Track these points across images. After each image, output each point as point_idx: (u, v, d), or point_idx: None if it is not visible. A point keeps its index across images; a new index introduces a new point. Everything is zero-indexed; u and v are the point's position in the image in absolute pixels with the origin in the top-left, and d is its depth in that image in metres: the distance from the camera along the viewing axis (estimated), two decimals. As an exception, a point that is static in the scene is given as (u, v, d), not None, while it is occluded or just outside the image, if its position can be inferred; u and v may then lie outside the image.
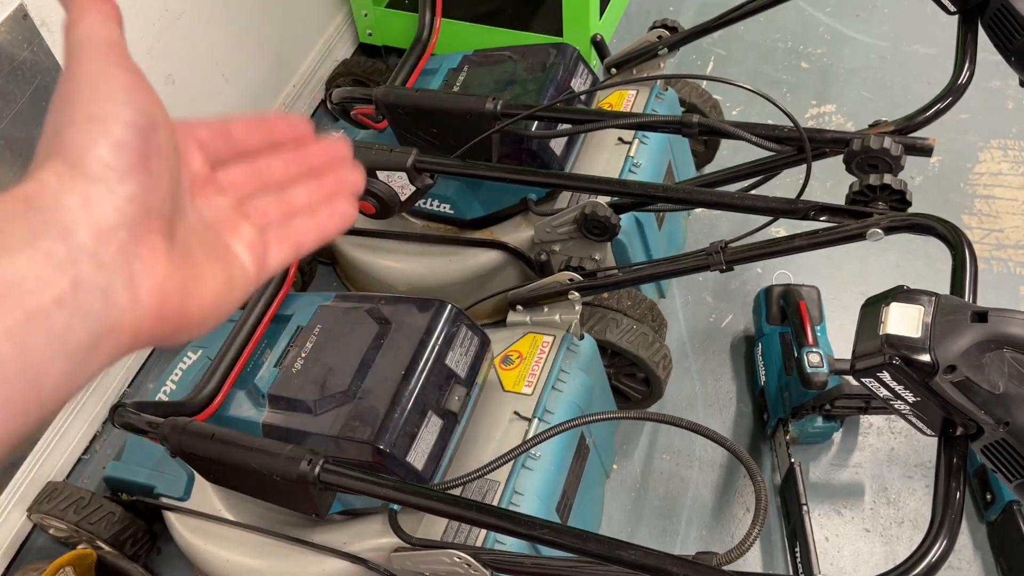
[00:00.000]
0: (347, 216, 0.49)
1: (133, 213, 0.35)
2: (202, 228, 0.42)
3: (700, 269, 1.20)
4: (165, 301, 0.37)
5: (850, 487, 1.56)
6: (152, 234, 0.36)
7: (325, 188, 0.49)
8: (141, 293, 0.36)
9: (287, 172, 0.47)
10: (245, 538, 1.29)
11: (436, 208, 1.63)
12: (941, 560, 0.76)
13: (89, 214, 0.34)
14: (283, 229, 0.46)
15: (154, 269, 0.36)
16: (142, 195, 0.36)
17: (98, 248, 0.34)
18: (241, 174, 0.46)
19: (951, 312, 0.77)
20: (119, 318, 0.35)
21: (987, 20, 1.12)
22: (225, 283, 0.41)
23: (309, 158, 0.48)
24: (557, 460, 1.26)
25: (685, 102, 1.82)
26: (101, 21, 0.38)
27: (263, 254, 0.44)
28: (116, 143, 0.35)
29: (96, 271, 0.34)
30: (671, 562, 0.86)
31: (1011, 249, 1.86)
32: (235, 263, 0.42)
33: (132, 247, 0.35)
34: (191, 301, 0.39)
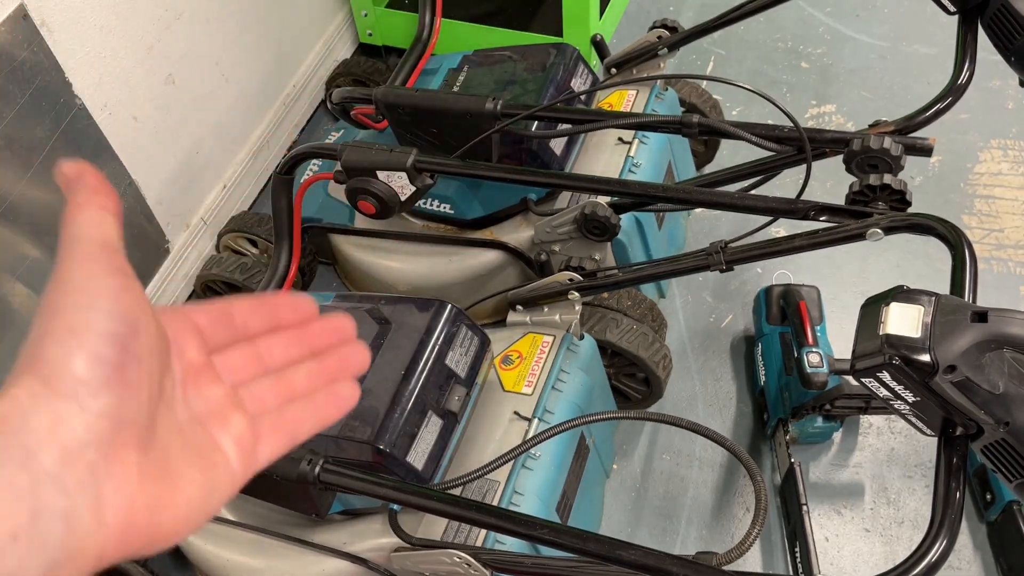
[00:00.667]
0: (348, 400, 0.47)
1: (104, 429, 0.34)
2: (188, 424, 0.40)
3: (700, 269, 1.20)
4: (133, 518, 0.35)
5: (850, 487, 1.56)
6: (124, 448, 0.35)
7: (327, 370, 0.47)
8: (107, 515, 0.34)
9: (288, 355, 0.46)
10: (245, 538, 1.29)
11: (436, 208, 1.63)
12: (941, 560, 0.76)
13: (56, 435, 0.33)
14: (278, 417, 0.44)
15: (123, 487, 0.35)
16: (116, 409, 0.35)
17: (63, 472, 0.32)
18: (240, 358, 0.44)
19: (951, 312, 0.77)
20: (81, 544, 0.33)
21: (987, 20, 1.12)
22: (204, 487, 0.39)
23: (311, 339, 0.47)
24: (557, 460, 1.26)
25: (685, 102, 1.82)
26: (98, 218, 0.37)
27: (252, 448, 0.42)
28: (91, 356, 0.34)
29: (58, 496, 0.32)
30: (671, 562, 0.86)
31: (1011, 249, 1.86)
32: (219, 462, 0.40)
33: (101, 466, 0.34)
34: (164, 514, 0.37)
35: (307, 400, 0.45)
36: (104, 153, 1.53)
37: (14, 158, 1.34)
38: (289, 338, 0.46)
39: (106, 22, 1.47)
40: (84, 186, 0.38)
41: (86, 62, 1.45)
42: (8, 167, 1.33)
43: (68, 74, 1.41)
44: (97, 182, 0.39)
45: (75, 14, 1.41)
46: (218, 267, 1.73)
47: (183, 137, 1.75)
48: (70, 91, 1.42)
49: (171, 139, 1.72)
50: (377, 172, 1.28)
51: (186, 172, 1.79)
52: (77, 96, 1.44)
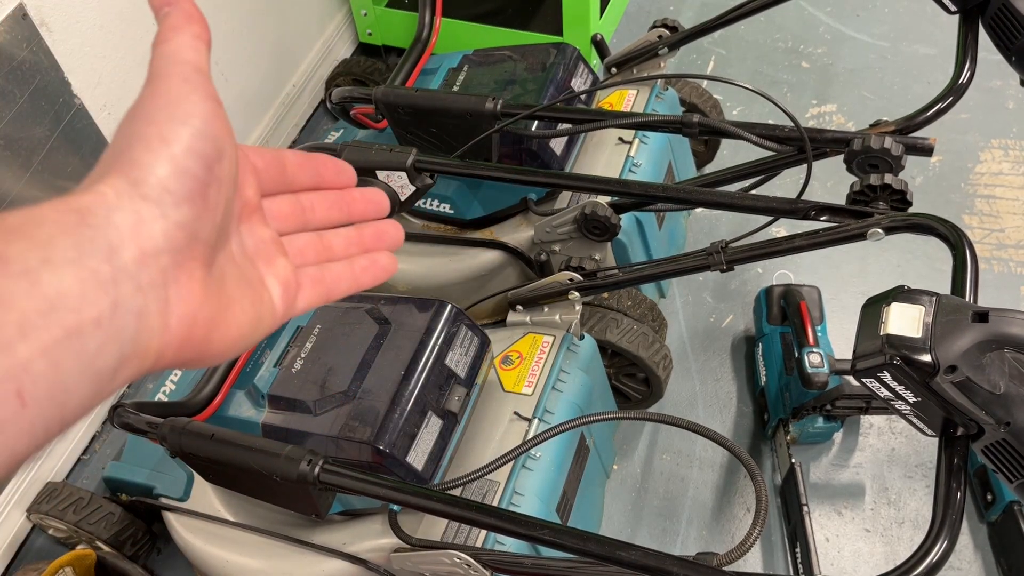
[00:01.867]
0: (386, 268, 0.49)
1: (180, 239, 0.35)
2: (241, 257, 0.42)
3: (700, 269, 1.20)
4: (193, 330, 0.37)
5: (850, 487, 1.56)
6: (193, 262, 0.36)
7: (364, 240, 0.48)
8: (172, 320, 0.36)
9: (329, 215, 0.47)
10: (245, 538, 1.29)
11: (436, 208, 1.63)
12: (942, 560, 0.76)
13: (138, 235, 0.34)
14: (318, 272, 0.46)
15: (189, 297, 0.36)
16: (193, 223, 0.36)
17: (139, 271, 0.34)
18: (287, 208, 0.45)
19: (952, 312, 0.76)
20: (147, 343, 0.35)
21: (988, 20, 1.12)
22: (252, 317, 0.41)
23: (350, 204, 0.48)
24: (557, 460, 1.26)
25: (685, 102, 1.82)
26: (191, 43, 0.39)
27: (293, 293, 0.44)
28: (180, 169, 0.36)
29: (135, 293, 0.34)
30: (671, 562, 0.86)
31: (1012, 249, 1.86)
32: (265, 298, 0.42)
33: (172, 273, 0.35)
34: (217, 332, 0.38)
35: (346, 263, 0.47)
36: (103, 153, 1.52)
37: (14, 158, 1.34)
38: (331, 200, 0.47)
39: (106, 22, 1.47)
40: (178, 10, 0.39)
41: (86, 62, 1.45)
42: (8, 167, 1.33)
43: (67, 74, 1.41)
44: (192, 8, 0.39)
45: (75, 14, 1.40)
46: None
47: (183, 137, 1.75)
48: (69, 91, 1.42)
49: (171, 139, 1.71)
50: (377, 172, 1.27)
51: (186, 172, 1.79)
52: (76, 96, 1.44)
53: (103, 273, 0.32)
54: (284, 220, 0.45)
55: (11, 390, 0.29)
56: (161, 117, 0.36)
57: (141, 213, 0.34)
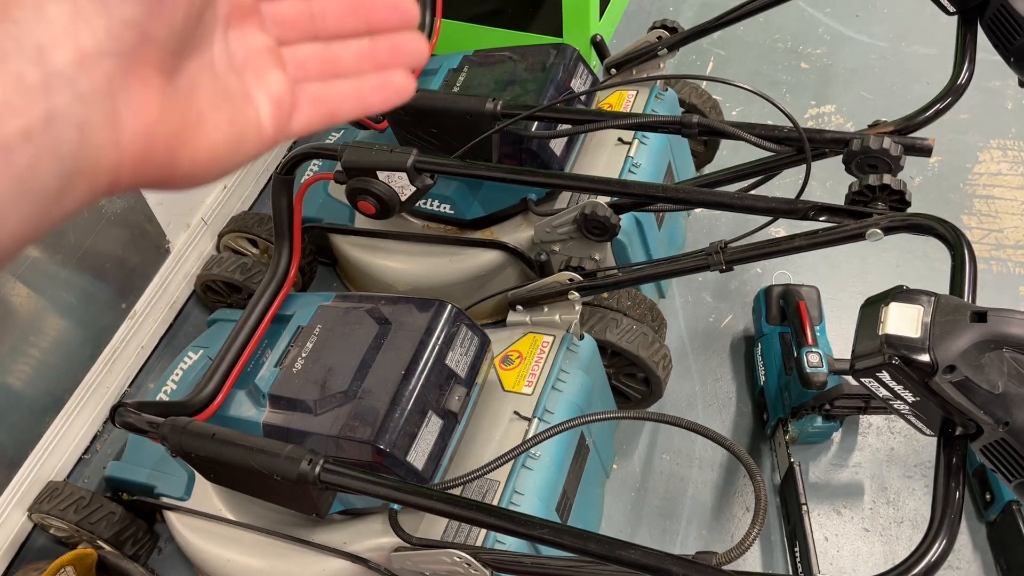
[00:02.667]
0: (400, 90, 0.42)
1: (128, 39, 0.30)
2: (225, 68, 0.36)
3: (700, 269, 1.20)
4: (151, 145, 0.32)
5: (850, 487, 1.56)
6: (147, 68, 0.32)
7: (378, 54, 0.42)
8: (124, 133, 0.31)
9: (342, 23, 0.41)
10: (245, 538, 1.30)
11: (436, 208, 1.63)
12: (941, 560, 0.76)
13: (74, 34, 0.29)
14: (320, 90, 0.40)
15: (143, 108, 0.32)
16: (143, 20, 0.31)
17: (78, 75, 0.29)
18: (292, 11, 0.39)
19: (950, 312, 0.77)
20: (95, 160, 0.30)
21: (987, 20, 1.12)
22: (230, 137, 0.36)
23: (370, 11, 0.41)
24: (557, 460, 1.27)
25: (685, 102, 1.82)
26: None
27: (288, 114, 0.39)
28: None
29: (73, 103, 0.29)
30: (671, 562, 0.86)
31: (1010, 249, 1.86)
32: (250, 116, 0.37)
33: (120, 79, 0.30)
34: (184, 150, 0.34)
35: (355, 80, 0.41)
36: (104, 153, 1.53)
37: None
38: (347, 4, 0.41)
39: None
40: None
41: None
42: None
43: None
44: None
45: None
46: (218, 267, 1.73)
47: (183, 137, 1.75)
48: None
49: (171, 139, 1.71)
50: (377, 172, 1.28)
51: (186, 172, 1.79)
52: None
53: (31, 78, 0.28)
54: (287, 27, 0.39)
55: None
56: None
57: (79, 7, 0.29)
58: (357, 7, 0.41)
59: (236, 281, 1.70)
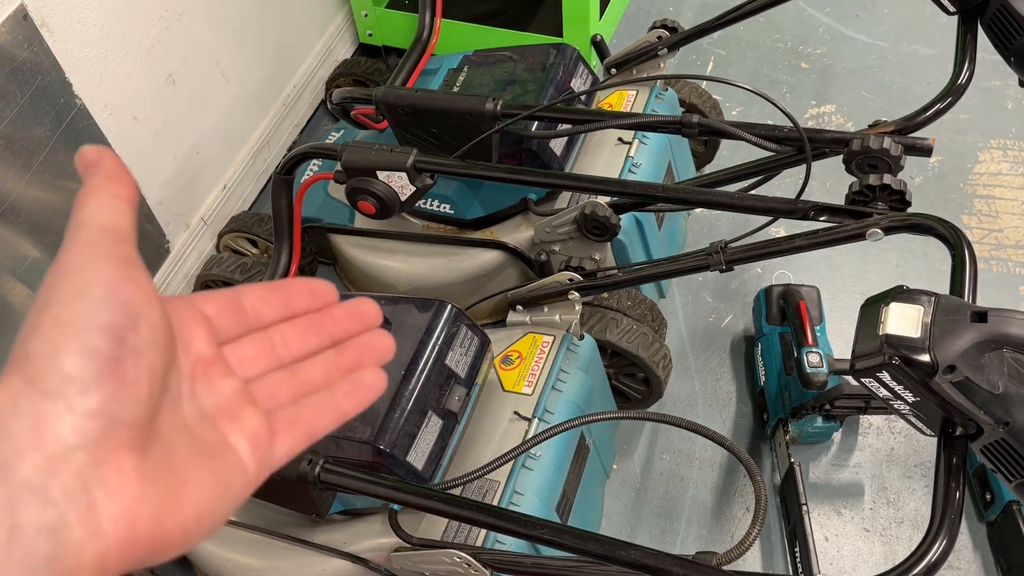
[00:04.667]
0: (372, 388, 0.43)
1: (95, 430, 0.31)
2: (196, 422, 0.37)
3: (700, 269, 1.20)
4: (135, 526, 0.32)
5: (850, 487, 1.56)
6: (119, 450, 0.32)
7: (346, 361, 0.43)
8: (104, 523, 0.31)
9: (304, 345, 0.42)
10: (245, 538, 1.30)
11: (436, 208, 1.63)
12: (941, 560, 0.76)
13: (39, 440, 0.30)
14: (295, 412, 0.41)
15: (121, 492, 0.31)
16: (108, 407, 0.31)
17: (46, 481, 0.29)
18: (253, 350, 0.41)
19: (951, 312, 0.77)
20: (75, 557, 0.30)
21: (987, 20, 1.12)
22: (215, 489, 0.36)
23: (330, 327, 0.43)
24: (557, 460, 1.26)
25: (685, 102, 1.82)
26: (109, 203, 0.35)
27: (268, 446, 0.39)
28: (81, 349, 0.31)
29: (41, 510, 0.29)
30: (671, 562, 0.86)
31: (1011, 249, 1.86)
32: (231, 462, 0.37)
33: (92, 470, 0.31)
34: (170, 520, 0.34)
35: (326, 393, 0.42)
36: (104, 153, 1.53)
37: (14, 158, 1.34)
38: (305, 326, 0.42)
39: (106, 22, 1.47)
40: (100, 171, 0.36)
41: (86, 62, 1.45)
42: (8, 167, 1.33)
43: (68, 74, 1.41)
44: (115, 168, 0.36)
45: (75, 14, 1.41)
46: (218, 267, 1.73)
47: (183, 137, 1.75)
48: (70, 91, 1.42)
49: (171, 139, 1.72)
50: (377, 172, 1.28)
51: (186, 172, 1.79)
52: (77, 96, 1.44)
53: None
54: (251, 364, 0.40)
55: None
56: (57, 297, 0.32)
57: (42, 413, 0.30)
58: (316, 326, 0.42)
59: (236, 281, 1.69)
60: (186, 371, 0.37)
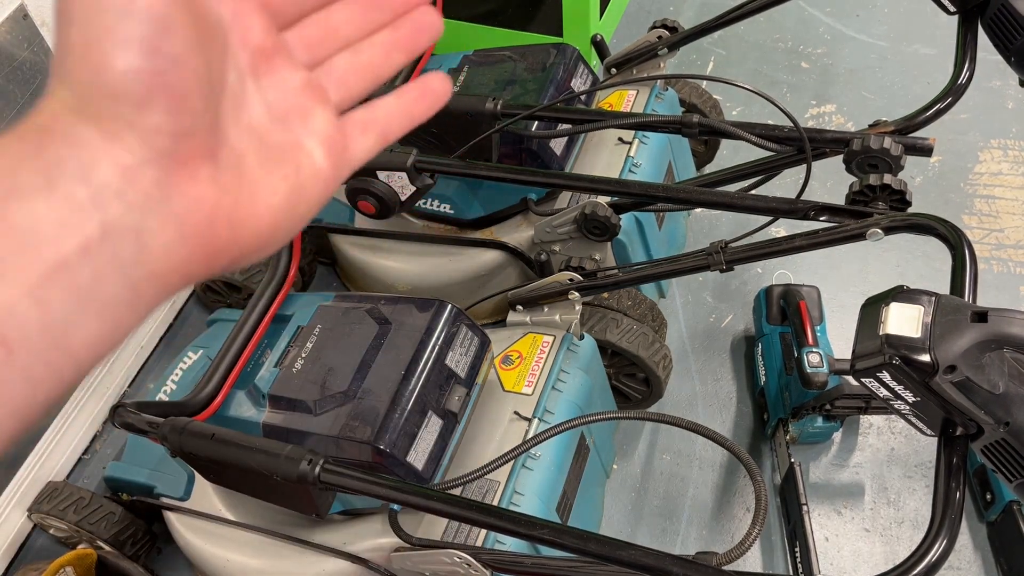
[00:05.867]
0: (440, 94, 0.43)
1: (162, 144, 0.31)
2: (266, 124, 0.36)
3: (700, 269, 1.20)
4: (214, 231, 0.33)
5: (850, 487, 1.56)
6: (191, 160, 0.32)
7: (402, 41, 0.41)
8: (185, 230, 0.31)
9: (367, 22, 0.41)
10: (245, 538, 1.29)
11: (436, 208, 1.63)
12: (941, 560, 0.76)
13: (111, 151, 0.30)
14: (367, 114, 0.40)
15: (199, 200, 0.32)
16: (167, 121, 0.31)
17: (125, 187, 0.30)
18: (317, 33, 0.39)
19: (951, 312, 0.77)
20: (159, 262, 0.31)
21: (987, 20, 1.12)
22: (289, 194, 0.35)
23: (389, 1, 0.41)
24: (557, 460, 1.26)
25: (685, 102, 1.82)
26: None
27: (341, 149, 0.38)
28: (122, 69, 0.29)
29: (125, 212, 0.30)
30: (671, 562, 0.86)
31: (1011, 249, 1.86)
32: (305, 167, 0.36)
33: (167, 180, 0.31)
34: (246, 226, 0.34)
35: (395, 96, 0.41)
36: (104, 153, 1.53)
37: (14, 158, 1.34)
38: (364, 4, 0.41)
39: (106, 22, 1.47)
40: None
41: (86, 62, 1.45)
42: (8, 167, 1.33)
43: (68, 74, 1.41)
44: None
45: (75, 14, 1.41)
46: (218, 267, 1.73)
47: (183, 137, 1.75)
48: (70, 91, 1.42)
49: (171, 139, 1.71)
50: (377, 172, 1.28)
51: (186, 172, 1.79)
52: (77, 96, 1.44)
53: (80, 196, 0.29)
54: (315, 48, 0.39)
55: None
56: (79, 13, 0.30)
57: (106, 127, 0.30)
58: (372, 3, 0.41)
59: (236, 281, 1.69)
60: (246, 65, 0.35)
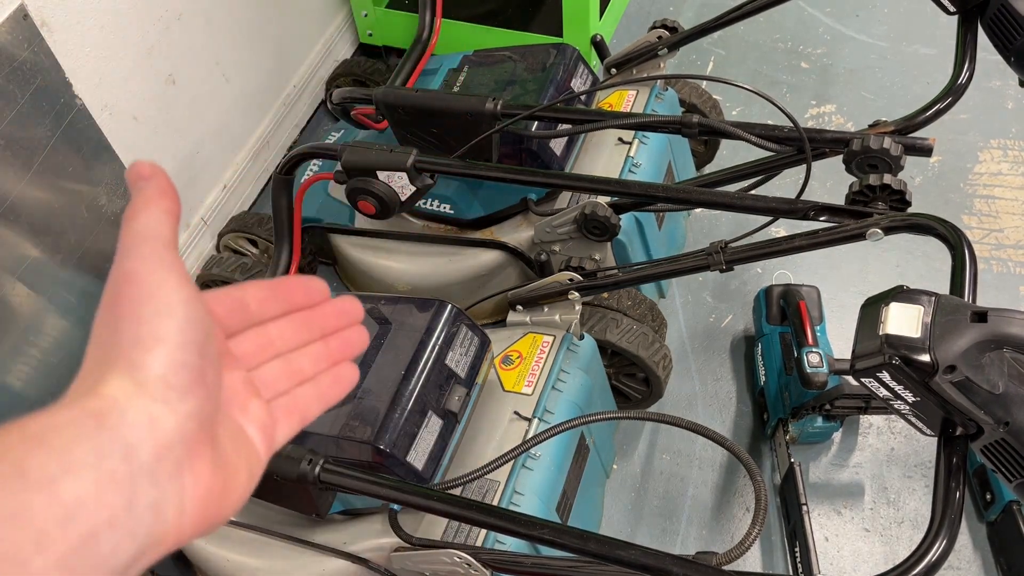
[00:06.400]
0: (349, 380, 0.49)
1: (191, 428, 0.36)
2: (223, 416, 0.41)
3: (700, 269, 1.20)
4: (207, 506, 0.38)
5: (850, 487, 1.56)
6: (203, 445, 0.37)
7: (331, 353, 0.48)
8: (187, 504, 0.36)
9: (297, 338, 0.47)
10: (245, 538, 1.30)
11: (436, 208, 1.63)
12: (941, 560, 0.76)
13: (153, 432, 0.35)
14: (290, 400, 0.46)
15: (201, 479, 0.37)
16: (199, 410, 0.37)
17: (156, 465, 0.35)
18: (253, 343, 0.45)
19: (951, 312, 0.77)
20: (164, 531, 0.35)
21: (987, 20, 1.12)
22: (247, 475, 0.41)
23: (320, 321, 0.48)
24: (557, 460, 1.26)
25: (685, 102, 1.82)
26: (162, 218, 0.39)
27: (272, 433, 0.44)
28: (178, 363, 0.36)
29: (150, 488, 0.34)
30: (671, 562, 0.86)
31: (1011, 249, 1.86)
32: (252, 451, 0.42)
33: (186, 461, 0.36)
34: (226, 501, 0.39)
35: (313, 383, 0.47)
36: (104, 153, 1.53)
37: (14, 158, 1.34)
38: (299, 322, 0.47)
39: (106, 22, 1.47)
40: (153, 186, 0.39)
41: (86, 62, 1.45)
42: (8, 167, 1.33)
43: (68, 74, 1.41)
44: (167, 185, 0.40)
45: (75, 14, 1.41)
46: (218, 267, 1.73)
47: (183, 137, 1.75)
48: (70, 91, 1.42)
49: (171, 139, 1.72)
50: (377, 172, 1.28)
51: (186, 172, 1.79)
52: (77, 96, 1.44)
53: (120, 473, 0.33)
54: (252, 356, 0.45)
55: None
56: (147, 312, 0.37)
57: (151, 412, 0.35)
58: (309, 322, 0.47)
59: (236, 281, 1.69)
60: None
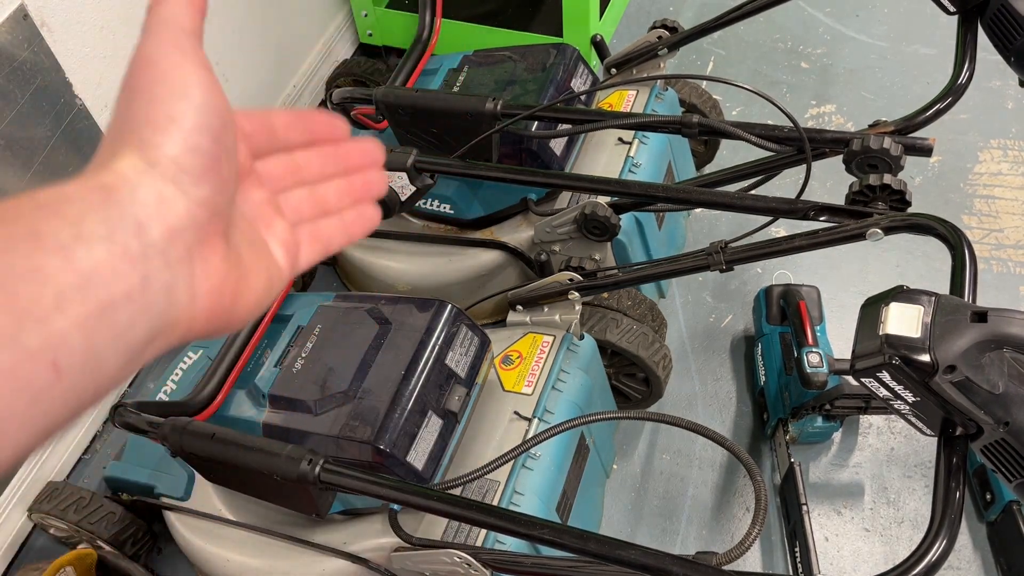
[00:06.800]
0: (373, 220, 0.50)
1: (202, 216, 0.36)
2: (244, 224, 0.42)
3: (700, 269, 1.20)
4: (219, 301, 0.38)
5: (850, 487, 1.56)
6: (214, 236, 0.37)
7: (353, 190, 0.49)
8: (199, 293, 0.37)
9: (324, 170, 0.48)
10: (245, 538, 1.30)
11: (436, 208, 1.63)
12: (941, 560, 0.76)
13: (162, 212, 0.35)
14: (314, 227, 0.47)
15: (214, 271, 0.37)
16: (212, 198, 0.37)
17: (168, 247, 0.35)
18: (279, 167, 0.46)
19: (951, 312, 0.77)
20: (176, 316, 0.36)
21: (987, 20, 1.12)
22: (265, 282, 0.42)
23: (344, 157, 0.49)
24: (557, 460, 1.26)
25: (685, 102, 1.82)
26: (186, 9, 0.39)
27: (295, 252, 0.45)
28: (192, 146, 0.36)
29: (163, 269, 0.34)
30: (671, 562, 0.86)
31: (1011, 249, 1.86)
32: (273, 262, 0.43)
33: (197, 248, 0.36)
34: (239, 300, 0.40)
35: (338, 216, 0.48)
36: (104, 153, 1.53)
37: (14, 158, 1.34)
38: (324, 154, 0.48)
39: (106, 22, 1.47)
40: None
41: (86, 62, 1.45)
42: (8, 167, 1.33)
43: (68, 74, 1.41)
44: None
45: (75, 14, 1.41)
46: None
47: (183, 137, 1.75)
48: (70, 91, 1.42)
49: (171, 139, 1.72)
50: (377, 172, 1.27)
51: (186, 172, 1.79)
52: (77, 96, 1.44)
53: (133, 249, 0.33)
54: (278, 180, 0.45)
55: (47, 360, 0.30)
56: (162, 94, 0.36)
57: (163, 192, 0.35)
58: (334, 156, 0.48)
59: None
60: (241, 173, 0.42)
